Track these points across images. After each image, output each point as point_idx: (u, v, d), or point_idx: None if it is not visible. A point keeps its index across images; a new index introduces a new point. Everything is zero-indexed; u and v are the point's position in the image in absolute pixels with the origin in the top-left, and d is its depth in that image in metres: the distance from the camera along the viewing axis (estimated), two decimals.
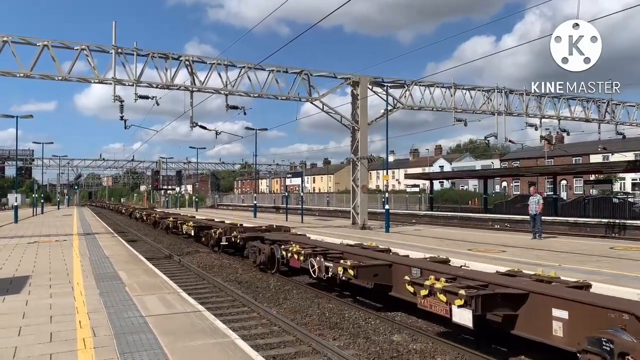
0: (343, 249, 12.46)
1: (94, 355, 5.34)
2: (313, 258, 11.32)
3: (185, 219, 26.65)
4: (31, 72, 18.93)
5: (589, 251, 13.99)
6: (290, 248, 12.65)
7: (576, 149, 64.11)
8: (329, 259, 11.15)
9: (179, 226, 25.25)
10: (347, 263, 9.95)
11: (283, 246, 13.41)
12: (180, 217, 28.88)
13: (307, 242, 14.04)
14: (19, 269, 11.57)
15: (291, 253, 12.43)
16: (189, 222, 23.64)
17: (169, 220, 27.79)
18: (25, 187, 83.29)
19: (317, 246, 12.92)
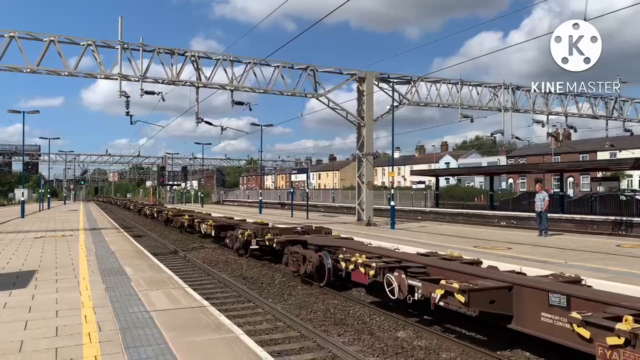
0: (421, 260, 9.86)
1: (99, 349, 5.36)
2: (390, 273, 8.84)
3: (203, 217, 24.15)
4: (38, 67, 18.99)
5: (596, 248, 13.93)
6: (352, 258, 10.19)
7: (583, 145, 63.74)
8: (411, 275, 8.59)
9: (195, 225, 22.89)
10: (453, 285, 7.23)
11: (339, 255, 10.97)
12: (197, 215, 26.09)
13: (367, 250, 11.57)
14: (25, 263, 11.64)
15: (353, 264, 9.99)
16: (209, 221, 20.97)
17: (184, 219, 25.07)
18: (32, 182, 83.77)
19: (384, 255, 10.51)
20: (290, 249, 12.77)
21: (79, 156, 72.21)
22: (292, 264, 12.50)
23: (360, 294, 11.02)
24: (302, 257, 12.14)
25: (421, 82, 25.32)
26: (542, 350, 7.10)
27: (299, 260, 12.23)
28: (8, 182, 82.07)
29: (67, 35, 19.44)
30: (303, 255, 12.12)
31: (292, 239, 13.87)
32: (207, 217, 24.51)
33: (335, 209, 48.29)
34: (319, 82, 23.19)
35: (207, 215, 25.86)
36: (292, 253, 12.63)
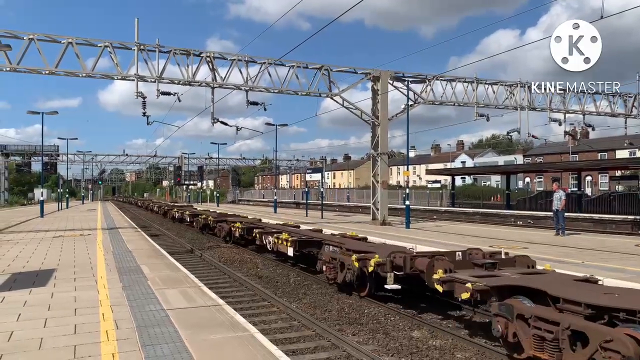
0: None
1: (116, 347, 5.44)
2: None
3: (269, 228, 17.57)
4: (56, 69, 19.29)
5: (614, 248, 13.76)
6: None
7: (602, 144, 62.91)
8: None
9: (256, 237, 16.53)
10: None
11: None
12: (252, 222, 20.53)
13: None
14: (44, 262, 11.83)
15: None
16: (281, 233, 14.76)
17: (236, 227, 18.88)
18: (50, 182, 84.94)
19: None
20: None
21: (97, 156, 73.21)
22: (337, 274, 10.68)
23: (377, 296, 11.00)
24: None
25: (436, 81, 25.22)
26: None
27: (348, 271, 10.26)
28: (28, 182, 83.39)
29: (85, 37, 19.74)
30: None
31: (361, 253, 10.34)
32: (271, 227, 18.18)
33: (350, 208, 48.25)
34: (333, 82, 23.25)
35: (263, 223, 19.94)
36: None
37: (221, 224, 21.65)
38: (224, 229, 20.81)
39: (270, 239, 14.95)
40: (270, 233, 15.59)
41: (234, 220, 21.26)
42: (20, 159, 71.46)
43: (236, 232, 18.79)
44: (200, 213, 27.99)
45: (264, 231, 16.18)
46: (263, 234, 15.96)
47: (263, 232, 16.07)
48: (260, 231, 16.34)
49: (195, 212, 29.90)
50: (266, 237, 15.49)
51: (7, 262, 11.75)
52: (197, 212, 29.45)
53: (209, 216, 24.34)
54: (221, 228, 21.22)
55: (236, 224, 19.10)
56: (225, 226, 20.69)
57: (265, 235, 15.69)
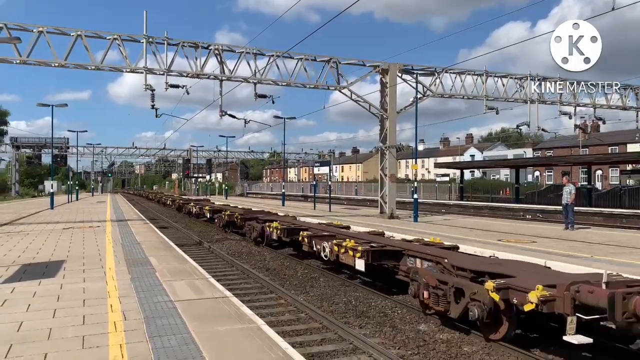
0: None
1: (124, 338, 5.48)
2: None
3: (321, 230, 14.47)
4: (65, 61, 19.36)
5: (624, 243, 13.65)
6: None
7: (612, 137, 62.40)
8: None
9: (313, 245, 12.84)
10: None
11: None
12: (299, 224, 16.65)
13: None
14: (54, 253, 11.93)
15: None
16: (345, 240, 11.46)
17: (274, 227, 15.85)
18: (60, 174, 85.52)
19: None
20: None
21: (106, 149, 73.51)
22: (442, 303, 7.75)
23: (384, 287, 11.00)
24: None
25: (445, 74, 25.07)
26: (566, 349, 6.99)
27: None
28: (38, 174, 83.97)
29: (94, 30, 19.77)
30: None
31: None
32: (321, 229, 15.06)
33: (358, 201, 48.22)
34: (341, 74, 23.18)
35: (306, 223, 17.32)
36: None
37: (250, 222, 18.82)
38: (254, 228, 17.81)
39: (327, 246, 11.80)
40: (324, 237, 12.79)
41: (268, 218, 18.73)
42: (30, 151, 71.89)
43: (273, 233, 15.82)
44: (222, 208, 25.35)
45: (315, 235, 13.25)
46: (314, 238, 12.96)
47: (314, 237, 13.04)
48: (309, 235, 13.26)
49: (216, 207, 27.15)
50: (319, 242, 12.43)
51: (18, 254, 11.85)
52: (219, 207, 26.94)
53: (235, 212, 21.43)
54: (251, 228, 18.23)
55: (273, 223, 16.18)
56: (257, 225, 17.79)
57: (317, 240, 12.69)
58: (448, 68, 25.12)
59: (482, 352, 7.06)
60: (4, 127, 78.55)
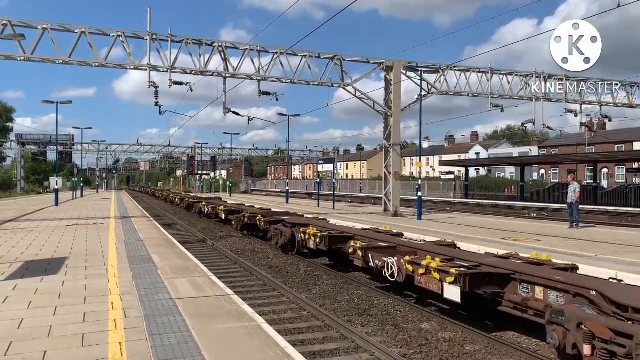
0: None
1: (124, 335, 5.46)
2: None
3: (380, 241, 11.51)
4: (69, 58, 19.38)
5: (629, 242, 13.55)
6: None
7: (619, 135, 62.07)
8: None
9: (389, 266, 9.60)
10: None
11: None
12: (347, 232, 13.14)
13: None
14: (57, 250, 11.94)
15: None
16: (433, 261, 8.41)
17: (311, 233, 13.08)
18: (65, 171, 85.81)
19: None
20: None
21: (111, 146, 73.80)
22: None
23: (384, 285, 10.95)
24: None
25: (450, 71, 24.96)
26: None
27: None
28: (44, 171, 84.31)
29: (98, 27, 19.78)
30: None
31: None
32: (409, 243, 11.29)
33: (363, 199, 48.16)
34: (345, 72, 23.10)
35: (359, 231, 13.60)
36: None
37: (276, 225, 16.16)
38: (282, 234, 15.14)
39: (392, 263, 9.17)
40: (385, 250, 10.24)
41: (298, 222, 15.62)
42: (36, 148, 72.20)
43: (308, 241, 13.10)
44: (239, 209, 23.34)
45: (371, 246, 10.51)
46: (370, 250, 10.24)
47: (370, 249, 10.33)
48: (365, 247, 10.42)
49: (232, 206, 24.88)
50: (378, 257, 9.79)
51: (21, 250, 11.87)
52: (235, 207, 24.81)
53: (257, 214, 18.86)
54: (278, 233, 15.54)
55: (309, 229, 13.35)
56: (285, 230, 15.06)
57: (376, 254, 9.99)
58: (453, 65, 25.01)
59: (485, 351, 7.02)
60: (10, 124, 79.03)
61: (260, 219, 17.92)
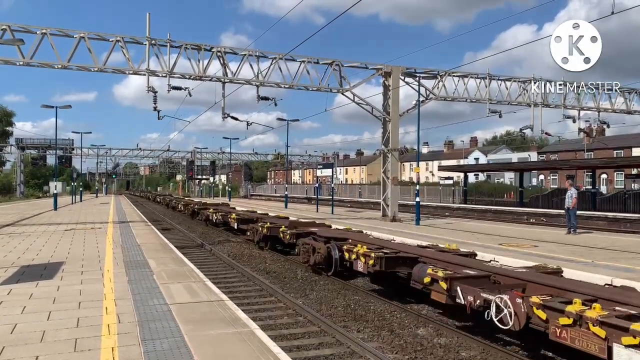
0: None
1: (116, 341, 5.45)
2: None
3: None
4: (68, 63, 19.43)
5: (625, 247, 13.55)
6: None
7: (617, 141, 62.17)
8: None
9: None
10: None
11: None
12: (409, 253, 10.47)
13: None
14: (54, 255, 11.93)
15: None
16: (588, 310, 5.65)
17: (359, 251, 10.48)
18: (65, 175, 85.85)
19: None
20: None
21: (111, 150, 73.72)
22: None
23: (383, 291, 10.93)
24: None
25: (449, 77, 25.00)
26: (566, 352, 6.93)
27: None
28: (43, 175, 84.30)
29: (97, 32, 19.82)
30: None
31: None
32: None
33: (362, 204, 48.15)
34: (344, 77, 23.15)
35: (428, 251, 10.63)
36: None
37: (305, 239, 13.81)
38: (315, 250, 12.54)
39: (504, 303, 6.60)
40: (480, 281, 7.76)
41: (331, 235, 13.16)
42: (35, 152, 72.24)
43: (357, 262, 10.50)
44: (254, 217, 20.98)
45: (457, 276, 7.84)
46: (458, 281, 7.66)
47: (457, 280, 7.73)
48: (448, 277, 7.74)
49: (246, 214, 22.46)
50: (476, 293, 7.14)
51: (17, 255, 11.87)
52: (249, 214, 22.38)
53: (280, 225, 16.24)
54: (309, 249, 12.96)
55: (357, 247, 10.65)
56: (319, 245, 12.46)
57: (469, 287, 7.40)
58: (451, 71, 25.06)
59: (480, 357, 7.01)
60: (10, 128, 79.10)
61: (285, 231, 15.31)
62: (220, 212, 24.21)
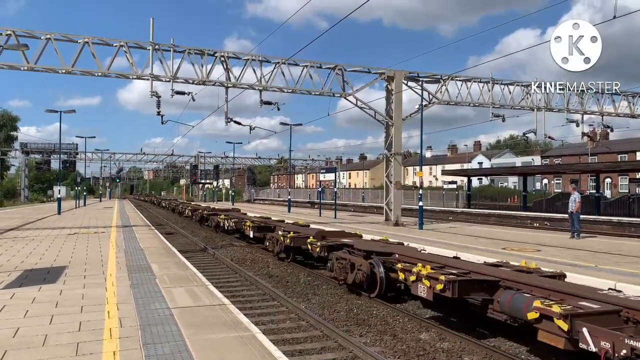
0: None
1: (118, 345, 5.46)
2: None
3: None
4: (72, 68, 19.52)
5: (630, 252, 13.49)
6: None
7: (621, 145, 62.01)
8: None
9: None
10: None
11: None
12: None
13: None
14: (57, 259, 11.96)
15: None
16: None
17: (422, 273, 8.34)
18: (69, 180, 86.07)
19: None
20: None
21: (115, 155, 73.93)
22: None
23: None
24: None
25: (451, 81, 25.01)
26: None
27: None
28: (47, 180, 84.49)
29: (101, 37, 19.94)
30: None
31: None
32: None
33: (365, 208, 48.11)
34: (346, 82, 23.20)
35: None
36: None
37: (339, 253, 11.57)
38: (355, 267, 10.53)
39: None
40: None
41: (379, 250, 11.12)
42: (40, 156, 72.42)
43: (416, 285, 8.51)
44: (273, 225, 19.10)
45: (579, 312, 5.94)
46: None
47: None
48: (567, 313, 5.83)
49: (262, 221, 20.32)
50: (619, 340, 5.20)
51: (21, 259, 11.89)
52: (265, 221, 20.50)
53: (307, 235, 14.06)
54: (347, 265, 10.86)
55: (418, 267, 8.60)
56: (360, 262, 10.48)
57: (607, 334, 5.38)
58: (454, 75, 25.06)
59: None
60: (14, 133, 79.31)
61: (315, 243, 13.04)
62: (233, 219, 22.43)
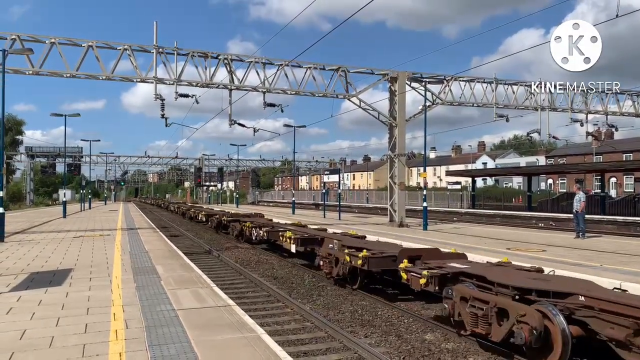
0: None
1: (124, 346, 5.49)
2: None
3: None
4: (77, 72, 19.62)
5: (636, 252, 13.44)
6: None
7: (626, 144, 61.76)
8: None
9: None
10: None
11: None
12: None
13: None
14: (62, 262, 12.02)
15: None
16: None
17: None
18: (74, 183, 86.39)
19: None
20: None
21: (119, 158, 74.10)
22: None
23: (389, 295, 10.89)
24: None
25: (455, 82, 24.99)
26: None
27: None
28: (52, 183, 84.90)
29: (105, 41, 20.02)
30: None
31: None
32: None
33: (369, 209, 48.11)
34: (350, 83, 23.22)
35: None
36: None
37: (463, 287, 7.48)
38: (524, 322, 6.19)
39: None
40: None
41: (457, 268, 8.23)
42: (45, 160, 72.75)
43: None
44: (320, 236, 14.25)
45: None
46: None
47: None
48: None
49: (308, 233, 15.62)
50: None
51: (27, 262, 11.96)
52: (312, 232, 15.79)
53: (393, 255, 10.06)
54: (491, 312, 6.71)
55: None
56: (526, 312, 6.24)
57: None
58: (457, 76, 25.04)
59: None
60: (20, 137, 79.64)
61: (412, 269, 8.70)
62: (264, 227, 17.88)
